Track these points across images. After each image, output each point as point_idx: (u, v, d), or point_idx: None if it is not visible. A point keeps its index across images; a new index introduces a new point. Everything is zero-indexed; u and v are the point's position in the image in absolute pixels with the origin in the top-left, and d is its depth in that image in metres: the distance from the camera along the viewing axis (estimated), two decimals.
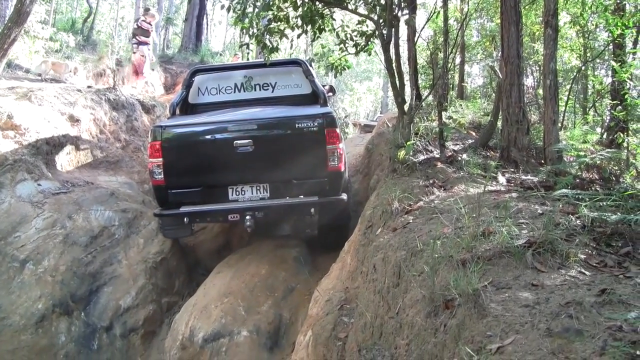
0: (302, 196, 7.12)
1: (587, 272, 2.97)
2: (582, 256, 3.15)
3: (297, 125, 7.06)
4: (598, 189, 5.23)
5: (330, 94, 9.91)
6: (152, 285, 8.03)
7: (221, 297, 6.99)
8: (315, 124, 7.03)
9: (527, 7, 10.49)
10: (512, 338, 2.41)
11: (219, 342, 6.46)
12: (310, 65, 9.18)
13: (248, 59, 14.08)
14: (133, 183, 10.59)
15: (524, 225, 3.68)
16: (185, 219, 7.18)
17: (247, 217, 6.97)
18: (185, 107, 8.86)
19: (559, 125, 7.27)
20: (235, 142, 7.00)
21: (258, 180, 7.24)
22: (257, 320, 6.63)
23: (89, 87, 12.53)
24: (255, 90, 8.91)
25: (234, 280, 7.28)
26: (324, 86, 9.29)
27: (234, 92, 8.92)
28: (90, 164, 10.28)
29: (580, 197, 4.08)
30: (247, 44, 7.84)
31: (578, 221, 3.66)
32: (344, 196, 7.32)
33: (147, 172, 10.66)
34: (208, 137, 7.23)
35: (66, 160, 9.80)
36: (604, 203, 3.80)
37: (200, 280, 8.26)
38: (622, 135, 7.41)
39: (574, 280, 2.86)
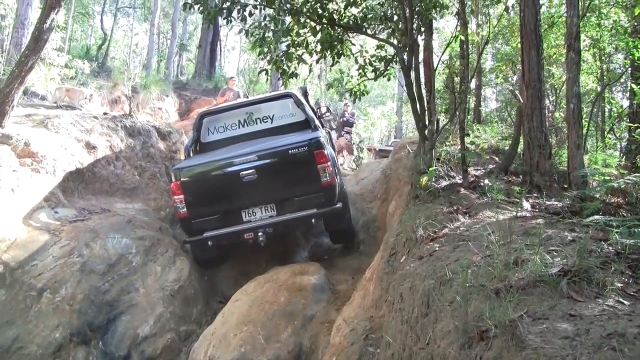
0: (303, 210, 8.33)
1: (625, 302, 2.87)
2: (619, 285, 3.04)
3: (290, 152, 8.24)
4: (624, 214, 5.14)
5: (328, 114, 12.17)
6: (170, 314, 7.99)
7: (240, 326, 6.91)
8: (305, 148, 8.23)
9: (545, 30, 10.46)
10: None
11: None
12: (305, 95, 10.98)
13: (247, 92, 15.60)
14: (149, 210, 10.58)
15: (555, 253, 3.58)
16: (209, 242, 8.35)
17: (260, 234, 8.22)
18: (199, 146, 10.09)
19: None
20: (241, 173, 8.19)
21: (265, 201, 8.44)
22: (277, 348, 6.52)
23: (105, 114, 12.56)
24: (257, 123, 10.16)
25: (253, 308, 7.21)
26: (319, 108, 11.65)
27: (239, 127, 10.18)
28: (106, 190, 10.27)
29: (610, 223, 3.99)
30: (266, 70, 7.93)
31: (610, 248, 3.57)
32: (339, 205, 8.51)
33: (163, 199, 11.11)
34: (218, 172, 8.44)
35: (83, 187, 9.79)
36: (638, 229, 3.71)
37: (218, 308, 8.26)
38: None
39: (613, 310, 2.76)
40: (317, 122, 9.79)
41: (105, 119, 11.48)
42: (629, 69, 9.95)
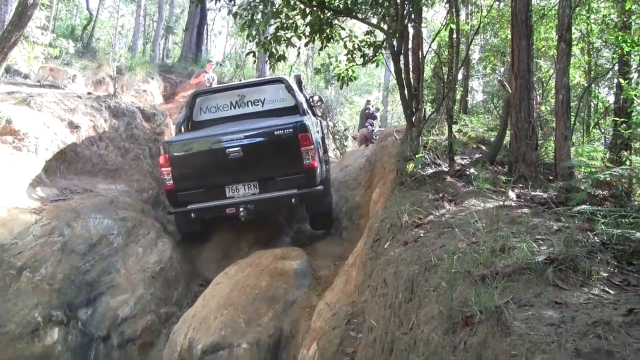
0: (284, 190, 8.60)
1: (610, 291, 2.87)
2: (604, 274, 3.04)
3: (275, 133, 8.50)
4: (607, 205, 5.15)
5: (320, 102, 12.41)
6: (151, 295, 7.96)
7: (221, 309, 6.90)
8: (290, 130, 8.48)
9: (535, 22, 10.46)
10: (538, 358, 2.31)
11: (217, 355, 6.37)
12: (299, 83, 11.26)
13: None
14: (132, 191, 10.49)
15: (541, 242, 3.59)
16: (192, 215, 8.67)
17: (241, 209, 8.47)
18: (190, 124, 10.33)
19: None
20: (227, 150, 8.42)
21: (248, 179, 8.69)
22: (257, 332, 6.53)
23: (89, 93, 12.40)
24: (248, 106, 10.44)
25: (234, 292, 7.22)
26: (312, 97, 11.85)
27: (230, 109, 10.45)
28: (89, 171, 10.14)
29: (597, 213, 4.00)
30: (253, 52, 7.92)
31: (596, 238, 3.56)
32: (320, 187, 8.83)
33: (146, 181, 11.10)
34: (205, 147, 8.73)
35: (65, 166, 9.67)
36: (624, 220, 3.71)
37: (199, 291, 8.27)
38: (626, 153, 7.36)
39: (599, 299, 2.76)
40: (305, 107, 10.01)
41: (89, 99, 11.31)
42: (617, 63, 9.98)
